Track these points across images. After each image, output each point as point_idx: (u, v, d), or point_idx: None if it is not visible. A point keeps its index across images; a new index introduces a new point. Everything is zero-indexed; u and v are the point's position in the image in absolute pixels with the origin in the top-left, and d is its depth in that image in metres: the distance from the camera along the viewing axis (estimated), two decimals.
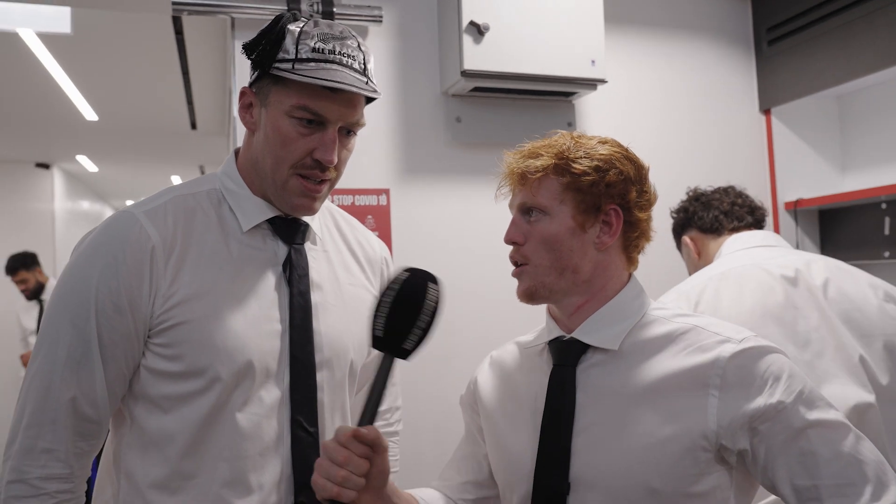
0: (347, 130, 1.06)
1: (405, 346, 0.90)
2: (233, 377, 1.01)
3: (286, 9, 1.90)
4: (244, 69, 1.66)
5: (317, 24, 1.03)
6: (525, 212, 1.03)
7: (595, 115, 2.26)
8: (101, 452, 1.11)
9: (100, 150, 6.13)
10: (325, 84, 0.99)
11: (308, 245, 1.13)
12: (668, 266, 2.29)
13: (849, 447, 0.88)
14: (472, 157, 2.11)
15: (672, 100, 2.38)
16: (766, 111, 2.47)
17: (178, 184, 1.14)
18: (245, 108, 1.09)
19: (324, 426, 1.08)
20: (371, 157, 2.03)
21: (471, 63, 1.91)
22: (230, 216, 1.09)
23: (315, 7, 1.92)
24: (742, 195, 1.76)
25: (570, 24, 2.01)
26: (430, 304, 0.90)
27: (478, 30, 1.91)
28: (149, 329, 1.01)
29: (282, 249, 1.10)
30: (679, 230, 1.83)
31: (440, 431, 1.95)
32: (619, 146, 1.05)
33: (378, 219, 2.01)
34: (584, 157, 1.00)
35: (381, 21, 2.00)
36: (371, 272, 1.23)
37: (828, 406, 0.92)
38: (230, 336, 1.01)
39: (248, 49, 1.04)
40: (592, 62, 2.02)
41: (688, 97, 2.40)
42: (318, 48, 1.00)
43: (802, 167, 2.47)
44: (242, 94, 1.09)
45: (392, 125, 2.06)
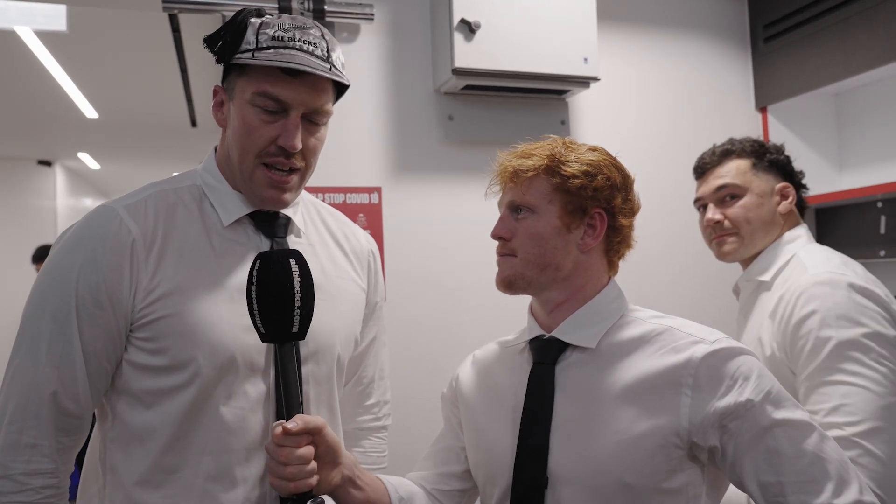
0: (310, 119, 1.07)
1: (294, 331, 0.93)
2: (215, 371, 1.01)
3: (277, 6, 1.89)
4: None
5: (280, 17, 1.05)
6: (514, 209, 1.08)
7: (588, 114, 2.25)
8: (87, 448, 1.12)
9: (101, 148, 6.15)
10: (282, 65, 1.00)
11: (292, 238, 1.14)
12: (659, 272, 2.29)
13: (812, 446, 0.92)
14: (465, 156, 2.11)
15: (667, 98, 2.37)
16: (763, 109, 2.45)
17: (160, 180, 1.14)
18: (217, 106, 1.11)
19: None
20: (363, 156, 2.03)
21: (462, 61, 1.91)
22: (211, 211, 1.09)
23: (306, 4, 1.91)
24: None
25: (563, 22, 1.99)
26: (299, 280, 0.92)
27: (469, 27, 1.90)
28: (130, 323, 1.02)
29: (264, 243, 1.10)
30: (779, 172, 1.52)
31: (432, 429, 1.95)
32: (608, 154, 1.09)
33: (370, 217, 2.01)
34: (575, 162, 1.05)
35: (373, 19, 1.99)
36: (359, 265, 1.24)
37: (794, 406, 0.95)
38: (212, 329, 1.01)
39: (210, 42, 1.06)
40: (585, 60, 2.01)
41: (683, 95, 2.38)
42: (278, 36, 1.02)
43: (799, 165, 2.43)
44: (215, 93, 1.11)
45: (384, 123, 2.06)
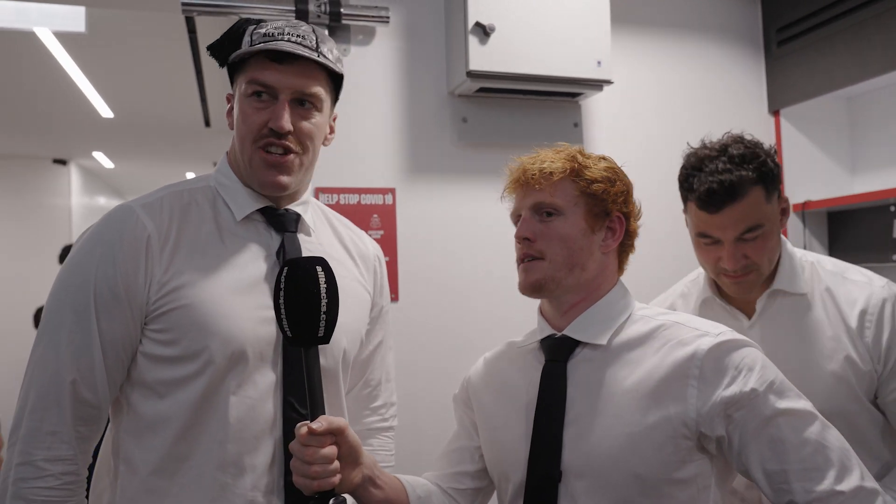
0: (302, 101, 1.11)
1: (319, 335, 0.95)
2: (226, 361, 1.05)
3: (293, 9, 1.92)
4: None
5: (275, 22, 1.12)
6: (538, 211, 1.10)
7: (601, 116, 2.27)
8: (100, 445, 1.14)
9: (116, 147, 6.21)
10: (266, 48, 1.06)
11: (302, 236, 1.18)
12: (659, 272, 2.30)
13: (815, 434, 0.95)
14: (478, 157, 2.13)
15: (679, 101, 2.37)
16: (776, 112, 2.45)
17: (176, 182, 1.20)
18: (229, 112, 1.19)
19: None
20: (377, 157, 2.05)
21: (476, 64, 1.93)
22: (224, 209, 1.14)
23: (323, 7, 1.94)
24: None
25: (576, 25, 2.01)
26: (325, 287, 0.95)
27: (483, 31, 1.92)
28: (145, 315, 1.06)
29: (275, 239, 1.15)
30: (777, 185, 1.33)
31: (443, 428, 1.96)
32: (615, 163, 1.15)
33: (383, 218, 2.03)
34: (594, 168, 1.10)
35: (388, 21, 2.02)
36: (364, 268, 1.28)
37: (798, 396, 0.99)
38: (223, 321, 1.05)
39: (213, 49, 1.14)
40: (598, 63, 2.03)
41: (695, 98, 2.39)
42: (269, 32, 1.09)
43: (811, 169, 2.45)
44: (228, 99, 1.19)
45: (398, 125, 2.08)
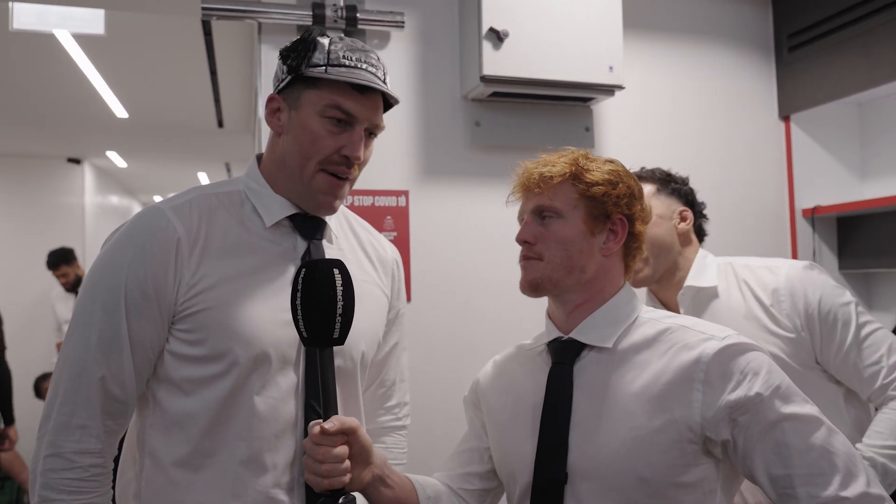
0: (370, 132, 1.15)
1: (334, 336, 0.97)
2: (250, 362, 1.07)
3: (311, 13, 1.95)
4: (270, 71, 1.72)
5: (342, 39, 1.13)
6: (539, 214, 1.11)
7: (613, 121, 2.29)
8: (124, 437, 1.17)
9: (129, 147, 6.25)
10: (358, 82, 1.09)
11: (325, 243, 1.20)
12: None
13: (821, 440, 0.94)
14: (491, 161, 2.15)
15: (690, 106, 2.39)
16: (786, 117, 2.47)
17: (205, 184, 1.22)
18: (272, 113, 1.17)
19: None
20: (391, 159, 2.08)
21: (490, 68, 1.95)
22: (253, 214, 1.16)
23: (339, 12, 1.97)
24: None
25: (589, 31, 2.04)
26: (341, 289, 0.97)
27: (497, 36, 1.95)
28: (173, 315, 1.08)
29: (301, 244, 1.17)
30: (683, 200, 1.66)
31: (454, 428, 1.99)
32: (623, 166, 1.15)
33: (397, 219, 2.06)
34: (597, 171, 1.10)
35: (403, 27, 2.05)
36: (383, 272, 1.30)
37: (804, 401, 0.98)
38: (248, 323, 1.07)
39: (285, 55, 1.13)
40: (610, 68, 2.05)
41: (706, 103, 2.41)
42: (347, 55, 1.11)
43: (821, 174, 2.46)
44: (270, 101, 1.17)
45: (412, 128, 2.11)
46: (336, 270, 0.98)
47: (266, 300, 1.10)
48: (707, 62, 2.42)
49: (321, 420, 0.97)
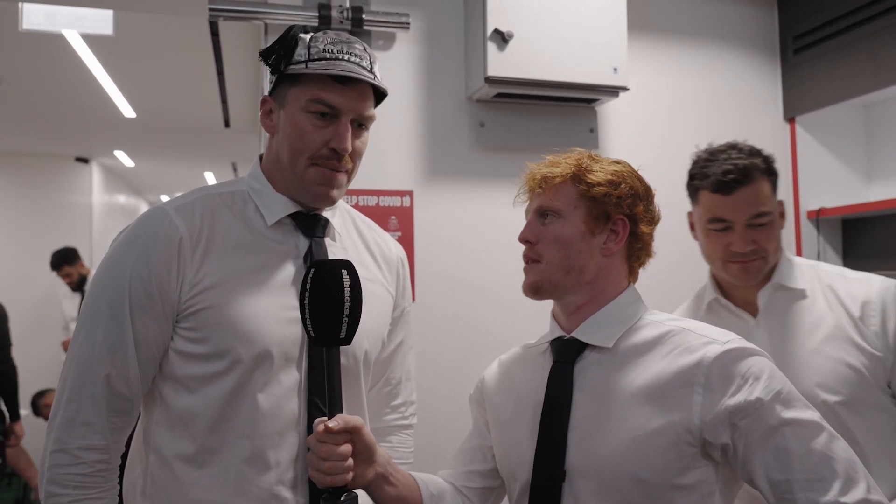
0: (359, 124, 1.15)
1: (341, 336, 0.98)
2: (252, 360, 1.08)
3: (317, 14, 1.97)
4: None
5: (325, 33, 1.13)
6: (541, 214, 1.13)
7: (617, 122, 2.29)
8: (132, 434, 1.19)
9: (136, 146, 6.30)
10: (336, 73, 1.08)
11: (328, 240, 1.21)
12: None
13: (821, 445, 0.94)
14: (495, 161, 2.16)
15: (695, 107, 2.39)
16: (791, 119, 2.46)
17: (209, 185, 1.23)
18: (266, 115, 1.18)
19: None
20: (396, 160, 2.09)
21: (495, 70, 1.96)
22: (255, 213, 1.17)
23: (345, 14, 1.98)
24: None
25: (593, 33, 2.04)
26: (349, 290, 0.98)
27: (502, 37, 1.96)
28: (176, 314, 1.09)
29: (303, 242, 1.18)
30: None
31: (459, 427, 2.00)
32: (630, 167, 1.15)
33: (401, 220, 2.07)
34: (600, 171, 1.10)
35: (409, 28, 2.06)
36: (388, 270, 1.30)
37: (805, 406, 0.97)
38: (250, 321, 1.09)
39: (265, 55, 1.14)
40: (615, 70, 2.05)
41: (711, 105, 2.41)
42: (328, 49, 1.10)
43: (826, 176, 2.46)
44: (263, 103, 1.18)
45: (417, 128, 2.12)
46: (344, 271, 0.98)
47: (268, 298, 1.11)
48: (712, 64, 2.42)
49: (326, 418, 0.98)
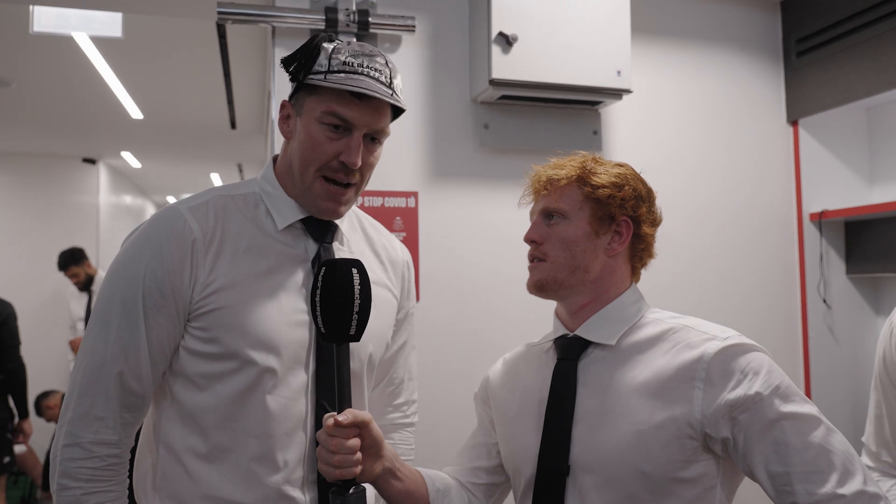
0: (372, 138, 1.16)
1: (351, 333, 1.01)
2: (261, 361, 1.10)
3: (324, 18, 1.99)
4: (283, 73, 1.75)
5: (349, 44, 1.13)
6: (546, 215, 1.15)
7: (620, 124, 2.31)
8: (141, 428, 1.21)
9: (143, 147, 6.32)
10: (352, 89, 1.09)
11: (336, 245, 1.23)
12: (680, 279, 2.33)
13: (819, 438, 0.96)
14: (499, 163, 2.18)
15: (698, 110, 2.41)
16: (794, 122, 2.48)
17: (221, 185, 1.24)
18: (283, 119, 1.20)
19: None
20: (401, 161, 2.11)
21: (499, 72, 1.98)
22: (266, 216, 1.19)
23: (352, 17, 2.01)
24: None
25: (597, 35, 2.06)
26: (359, 288, 1.01)
27: (506, 40, 1.98)
28: (188, 313, 1.11)
29: (312, 247, 1.19)
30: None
31: (461, 427, 2.01)
32: (633, 169, 1.18)
33: (406, 220, 2.09)
34: (604, 174, 1.13)
35: (414, 31, 2.08)
36: (393, 273, 1.33)
37: (803, 401, 1.00)
38: (260, 324, 1.10)
39: (286, 63, 1.15)
40: (618, 72, 2.07)
41: (714, 107, 2.43)
42: (349, 62, 1.11)
43: (829, 178, 2.47)
44: (282, 107, 1.20)
45: (422, 130, 2.14)
46: (355, 270, 1.01)
47: (277, 301, 1.13)
48: (715, 66, 2.43)
49: (335, 413, 1.01)
